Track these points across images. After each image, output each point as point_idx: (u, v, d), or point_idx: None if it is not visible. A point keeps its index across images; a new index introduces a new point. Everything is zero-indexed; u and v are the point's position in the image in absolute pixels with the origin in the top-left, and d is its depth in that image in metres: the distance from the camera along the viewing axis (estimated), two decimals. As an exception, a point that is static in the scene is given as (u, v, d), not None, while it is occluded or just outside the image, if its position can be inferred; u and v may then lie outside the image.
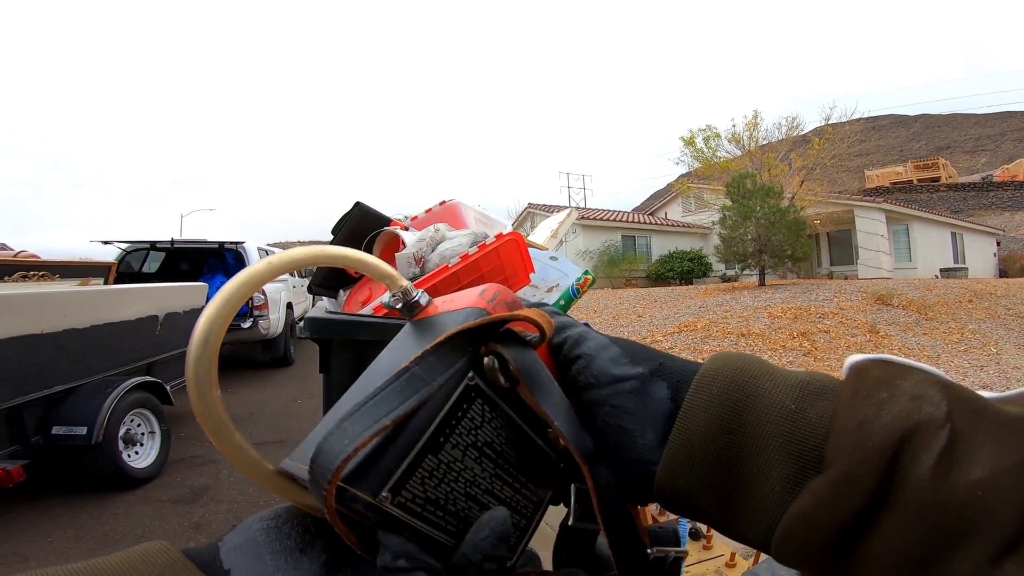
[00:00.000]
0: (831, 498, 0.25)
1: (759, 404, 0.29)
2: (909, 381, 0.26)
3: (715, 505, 0.29)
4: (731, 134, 18.03)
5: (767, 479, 0.27)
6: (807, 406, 0.28)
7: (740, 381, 0.30)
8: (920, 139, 61.00)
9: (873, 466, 0.24)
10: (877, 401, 0.26)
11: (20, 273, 4.07)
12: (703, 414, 0.29)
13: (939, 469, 0.23)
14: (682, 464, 0.29)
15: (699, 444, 0.29)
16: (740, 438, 0.28)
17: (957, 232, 19.99)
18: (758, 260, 13.70)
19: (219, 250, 7.72)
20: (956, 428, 0.24)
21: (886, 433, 0.25)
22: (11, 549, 2.73)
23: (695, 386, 0.30)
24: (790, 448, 0.27)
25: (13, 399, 2.92)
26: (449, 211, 1.90)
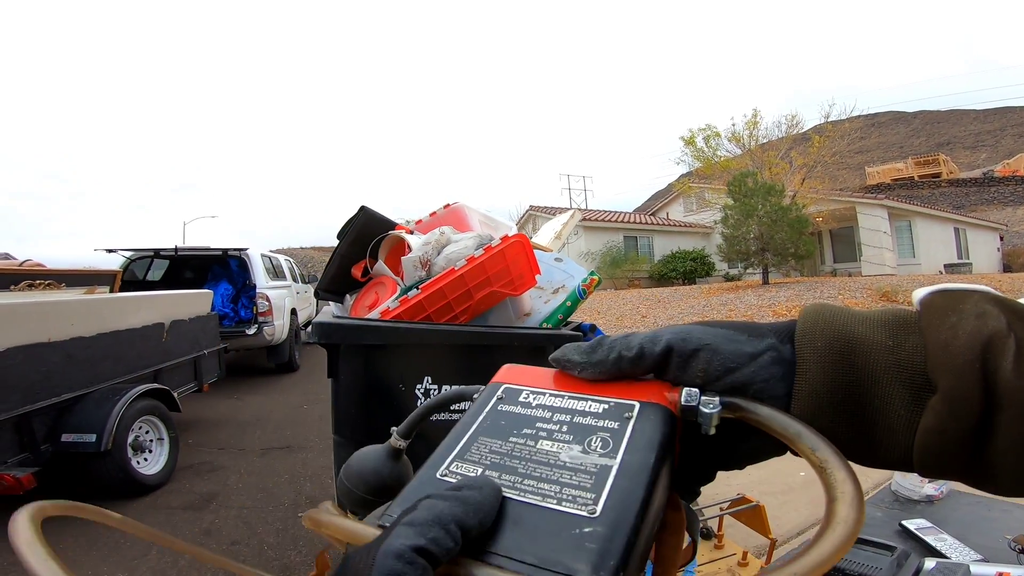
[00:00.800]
0: (949, 409, 0.29)
1: (862, 347, 0.32)
2: (969, 303, 0.31)
3: (852, 438, 0.32)
4: (731, 133, 18.04)
5: (892, 406, 0.31)
6: (902, 340, 0.32)
7: (837, 330, 0.33)
8: (920, 135, 60.81)
9: (968, 379, 0.28)
10: (950, 324, 0.30)
11: (26, 282, 4.09)
12: (816, 366, 0.32)
13: (1018, 370, 0.28)
14: (813, 413, 0.32)
15: (822, 392, 0.32)
16: (855, 378, 0.32)
17: (960, 228, 19.94)
18: (761, 259, 13.69)
19: (223, 257, 7.73)
20: (1019, 335, 0.29)
21: (967, 348, 0.29)
22: (22, 557, 2.74)
23: (799, 343, 0.33)
24: (902, 377, 0.31)
25: (22, 407, 2.93)
26: (454, 214, 1.91)
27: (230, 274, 8.09)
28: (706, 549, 2.09)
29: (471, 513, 0.25)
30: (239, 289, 7.91)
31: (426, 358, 1.52)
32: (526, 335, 1.62)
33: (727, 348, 0.34)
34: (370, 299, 1.76)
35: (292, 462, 4.07)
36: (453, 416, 1.55)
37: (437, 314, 1.60)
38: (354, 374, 1.52)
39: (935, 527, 1.19)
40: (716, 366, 0.34)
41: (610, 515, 0.27)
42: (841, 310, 0.34)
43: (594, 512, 0.27)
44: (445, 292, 1.57)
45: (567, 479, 0.29)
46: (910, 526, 1.20)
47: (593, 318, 11.45)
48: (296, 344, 8.27)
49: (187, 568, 2.59)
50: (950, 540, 1.14)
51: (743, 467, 0.38)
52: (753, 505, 2.06)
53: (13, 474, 2.80)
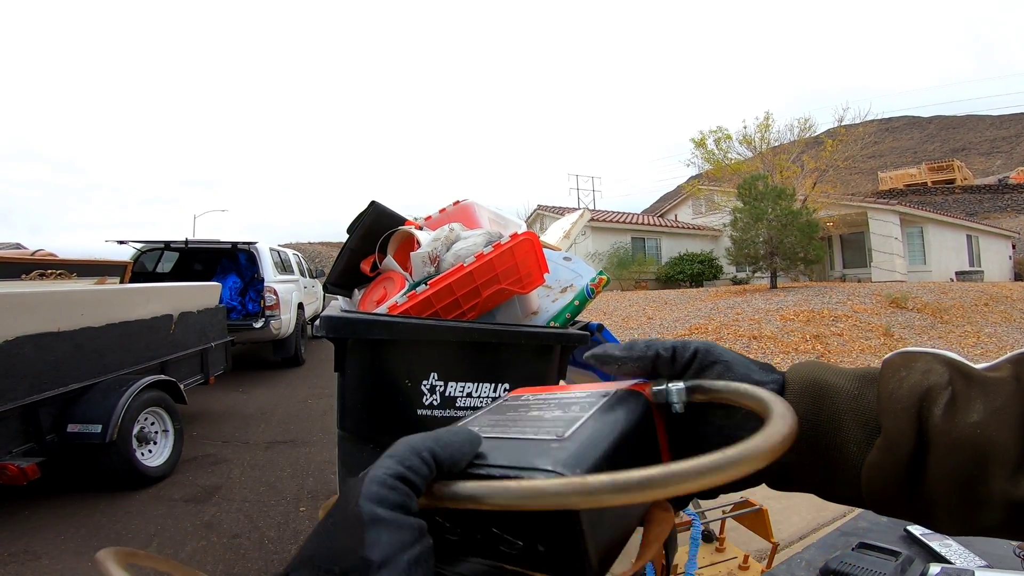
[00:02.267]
0: (888, 446, 0.35)
1: (832, 391, 0.39)
2: (920, 361, 0.38)
3: (813, 472, 0.39)
4: (742, 135, 17.93)
5: (848, 445, 0.38)
6: (865, 390, 0.39)
7: (814, 379, 0.40)
8: (934, 141, 60.31)
9: (903, 420, 0.35)
10: (899, 378, 0.37)
11: (38, 271, 4.12)
12: (794, 403, 0.38)
13: (946, 416, 0.34)
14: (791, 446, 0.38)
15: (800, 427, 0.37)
16: (824, 416, 0.38)
17: (972, 235, 19.75)
18: (770, 262, 13.61)
19: (232, 250, 7.77)
20: (955, 388, 0.35)
21: (907, 396, 0.36)
22: (24, 547, 2.75)
23: (787, 384, 0.41)
24: (859, 420, 0.38)
25: (29, 396, 2.94)
26: (463, 211, 1.90)
27: (239, 267, 8.13)
28: (707, 552, 2.08)
29: (443, 447, 0.28)
30: (247, 282, 7.95)
31: (433, 354, 1.52)
32: (533, 333, 1.62)
33: (739, 370, 0.40)
34: (378, 294, 1.75)
35: (295, 456, 4.08)
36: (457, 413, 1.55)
37: (445, 310, 1.59)
38: (361, 369, 1.51)
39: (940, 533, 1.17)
40: (725, 379, 0.39)
41: (577, 439, 0.31)
42: (825, 365, 0.42)
43: (562, 435, 0.32)
44: (453, 288, 1.57)
45: (546, 426, 0.34)
46: (915, 531, 1.19)
47: (599, 319, 11.42)
48: (302, 338, 8.30)
49: (188, 561, 2.60)
50: (955, 546, 1.13)
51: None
52: (756, 509, 2.05)
53: (17, 464, 2.80)
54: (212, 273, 8.07)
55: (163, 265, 8.01)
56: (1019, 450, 0.31)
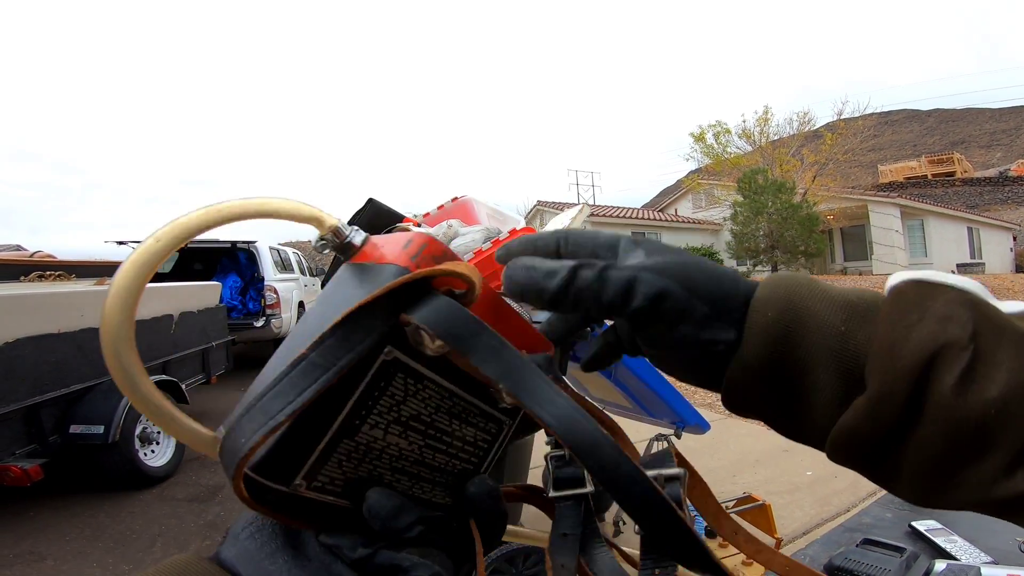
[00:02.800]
0: (869, 415, 0.27)
1: (810, 324, 0.30)
2: (939, 301, 0.28)
3: (776, 415, 0.32)
4: (741, 130, 17.96)
5: (820, 395, 0.30)
6: (855, 327, 0.29)
7: (792, 302, 0.30)
8: (934, 134, 60.18)
9: (901, 387, 0.26)
10: (908, 324, 0.27)
11: (37, 273, 4.12)
12: (759, 339, 0.30)
13: (959, 388, 0.25)
14: (743, 380, 0.31)
15: (757, 365, 0.30)
16: (794, 358, 0.30)
17: (973, 227, 19.73)
18: (770, 256, 13.62)
19: (231, 249, 7.77)
20: (980, 348, 0.26)
21: (913, 355, 0.26)
22: (29, 548, 2.75)
23: (752, 311, 0.31)
24: (839, 367, 0.29)
25: (31, 398, 2.94)
26: (461, 207, 1.89)
27: (239, 267, 8.13)
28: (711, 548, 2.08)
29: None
30: (247, 281, 7.95)
31: (432, 352, 1.51)
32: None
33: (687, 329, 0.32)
34: (377, 292, 1.75)
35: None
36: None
37: (444, 308, 1.59)
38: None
39: (945, 528, 1.17)
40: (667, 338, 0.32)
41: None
42: (808, 283, 0.31)
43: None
44: (452, 285, 1.56)
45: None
46: (920, 527, 1.18)
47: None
48: (303, 337, 8.30)
49: (193, 559, 2.61)
50: (960, 542, 1.12)
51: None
52: (759, 504, 2.05)
53: (20, 465, 2.80)
54: (212, 272, 8.06)
55: (163, 265, 7.97)
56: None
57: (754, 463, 3.54)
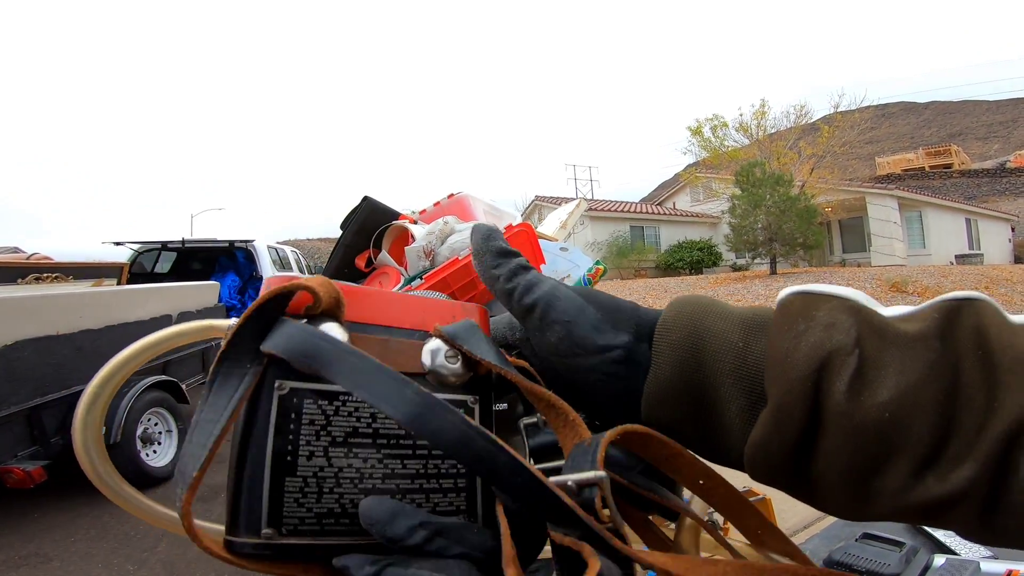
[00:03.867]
0: (774, 427, 0.27)
1: (712, 344, 0.30)
2: (823, 310, 0.28)
3: (695, 436, 0.31)
4: (739, 123, 17.92)
5: (728, 412, 0.30)
6: (752, 341, 0.30)
7: (694, 323, 0.31)
8: (931, 126, 60.12)
9: (797, 395, 0.26)
10: (796, 333, 0.28)
11: (34, 275, 4.12)
12: (667, 358, 0.31)
13: (851, 392, 0.25)
14: (661, 407, 0.31)
15: (668, 388, 0.31)
16: (701, 377, 0.30)
17: (971, 218, 19.76)
18: (769, 248, 13.61)
19: (229, 249, 7.77)
20: (864, 352, 0.26)
21: (804, 363, 0.26)
22: (35, 549, 2.76)
23: (657, 334, 0.32)
24: (741, 383, 0.29)
25: (32, 400, 2.95)
26: (458, 204, 1.90)
27: (237, 266, 8.13)
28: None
29: None
30: (246, 280, 7.95)
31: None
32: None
33: (580, 332, 0.32)
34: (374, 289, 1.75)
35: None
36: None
37: (441, 305, 1.59)
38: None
39: (946, 521, 1.17)
40: (565, 346, 0.33)
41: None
42: (709, 304, 0.32)
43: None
44: (448, 282, 1.57)
45: None
46: (920, 520, 1.18)
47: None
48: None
49: (196, 560, 2.61)
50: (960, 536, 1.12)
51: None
52: (760, 498, 2.05)
53: (23, 467, 2.81)
54: (210, 272, 8.07)
55: (161, 265, 8.01)
56: (931, 440, 0.25)
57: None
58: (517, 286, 0.34)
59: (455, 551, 0.27)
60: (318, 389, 0.29)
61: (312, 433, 0.28)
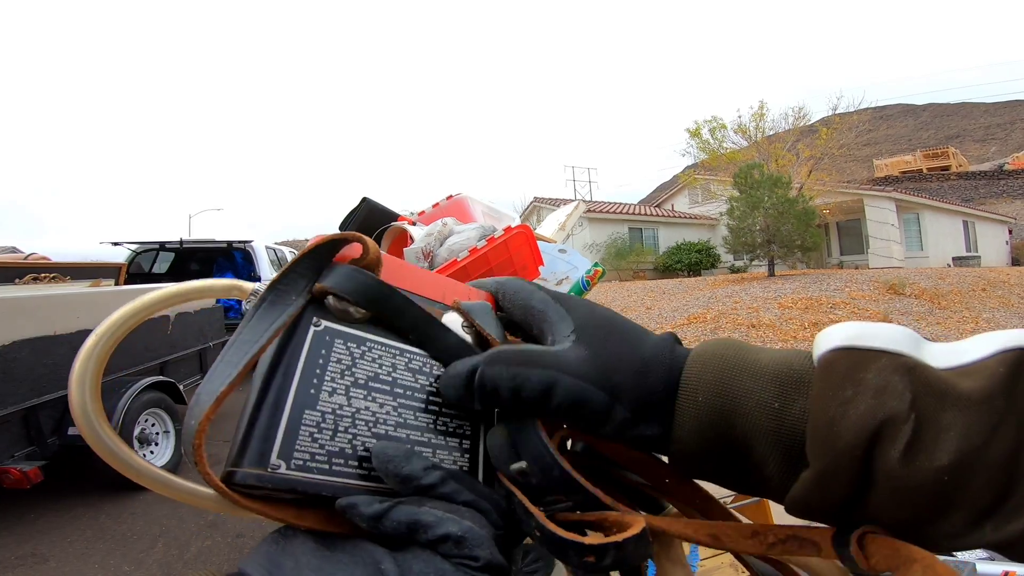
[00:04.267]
0: (818, 489, 0.27)
1: (744, 406, 0.29)
2: (871, 371, 0.26)
3: (731, 484, 0.32)
4: (737, 125, 17.94)
5: (765, 469, 0.29)
6: (788, 403, 0.28)
7: (723, 383, 0.30)
8: (929, 128, 60.23)
9: (845, 465, 0.25)
10: (842, 400, 0.26)
11: (31, 275, 4.11)
12: (693, 424, 0.30)
13: (906, 459, 0.24)
14: (689, 461, 0.31)
15: (695, 447, 0.30)
16: (732, 437, 0.29)
17: (969, 220, 19.79)
18: (767, 250, 13.62)
19: (227, 249, 7.76)
20: (921, 416, 0.25)
21: (853, 433, 0.25)
22: (31, 550, 2.76)
23: (680, 397, 0.31)
24: (779, 444, 0.28)
25: (29, 400, 2.94)
26: (456, 205, 1.90)
27: (235, 266, 8.11)
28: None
29: None
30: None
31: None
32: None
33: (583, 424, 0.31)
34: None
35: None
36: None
37: (440, 306, 1.59)
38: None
39: (942, 522, 1.17)
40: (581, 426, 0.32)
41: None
42: (735, 355, 0.31)
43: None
44: (447, 284, 1.57)
45: None
46: (917, 521, 1.18)
47: (598, 311, 11.42)
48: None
49: (193, 561, 2.61)
50: (957, 535, 1.12)
51: None
52: (755, 500, 2.05)
53: (20, 468, 2.80)
54: (208, 273, 8.05)
55: (159, 266, 7.99)
56: (991, 496, 0.24)
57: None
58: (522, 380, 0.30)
59: (465, 497, 0.29)
60: (349, 332, 0.31)
61: (338, 372, 0.30)
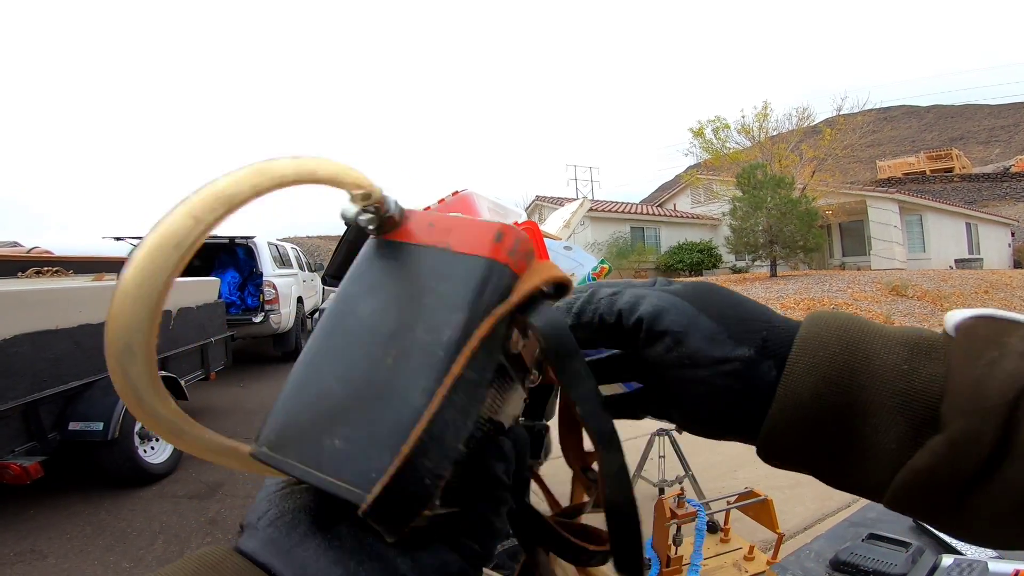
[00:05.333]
0: (951, 454, 0.26)
1: (871, 365, 0.29)
2: (1015, 337, 0.27)
3: (823, 459, 0.30)
4: (740, 125, 17.90)
5: (883, 437, 0.28)
6: (919, 365, 0.28)
7: (848, 342, 0.29)
8: (933, 130, 60.10)
9: (992, 423, 0.25)
10: (989, 360, 0.26)
11: (34, 269, 4.09)
12: (810, 376, 0.29)
13: None
14: (790, 423, 0.30)
15: (809, 404, 0.29)
16: (852, 398, 0.28)
17: (971, 223, 19.75)
18: (769, 251, 13.60)
19: (230, 245, 7.75)
20: None
21: (1001, 391, 0.25)
22: (30, 546, 2.74)
23: (799, 349, 0.30)
24: (906, 407, 0.28)
25: (30, 395, 2.92)
26: (462, 201, 1.88)
27: (237, 262, 8.11)
28: (712, 543, 2.07)
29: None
30: (246, 277, 7.93)
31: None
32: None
33: (694, 343, 0.31)
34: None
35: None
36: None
37: (445, 303, 1.58)
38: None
39: (952, 523, 1.17)
40: (673, 356, 0.31)
41: None
42: (861, 322, 0.31)
43: None
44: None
45: None
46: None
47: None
48: (302, 332, 8.30)
49: (193, 556, 2.60)
50: (966, 537, 1.12)
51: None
52: (761, 499, 2.04)
53: (20, 463, 2.78)
54: (210, 268, 8.04)
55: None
56: None
57: (755, 458, 3.50)
58: (619, 312, 0.33)
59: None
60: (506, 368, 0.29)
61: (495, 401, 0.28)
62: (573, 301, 0.34)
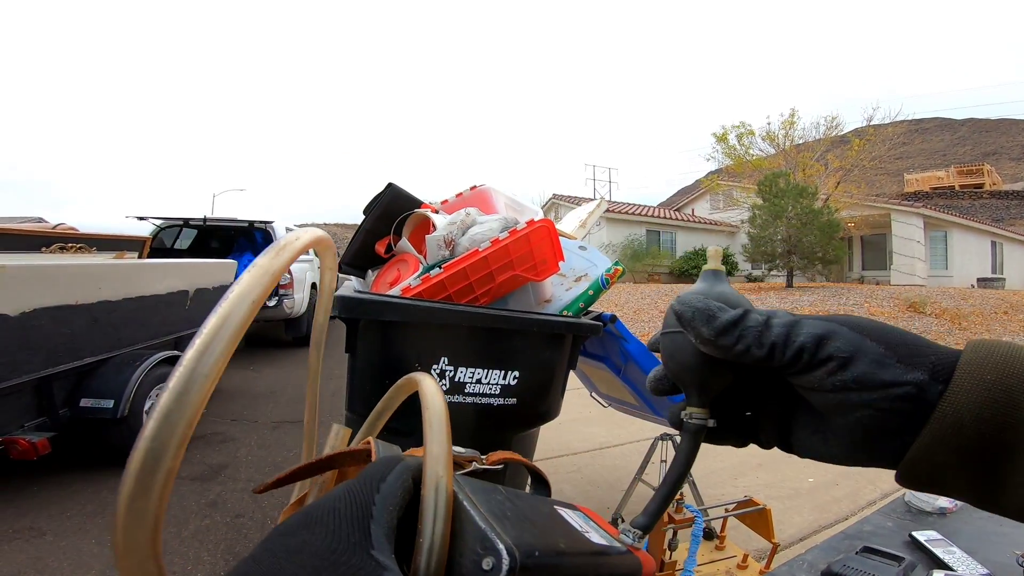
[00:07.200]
0: None
1: None
2: None
3: (972, 480, 0.30)
4: (766, 132, 17.74)
5: None
6: None
7: (1011, 365, 0.30)
8: (966, 143, 58.89)
9: None
10: None
11: (58, 245, 4.17)
12: (974, 397, 0.29)
13: None
14: (947, 443, 0.30)
15: (970, 425, 0.29)
16: (1013, 420, 0.29)
17: (997, 241, 19.35)
18: (787, 261, 13.46)
19: (248, 229, 7.83)
20: None
21: None
22: (29, 523, 2.74)
23: (962, 372, 0.30)
24: None
25: (43, 370, 2.93)
26: (480, 196, 1.89)
27: (255, 246, 8.20)
28: (707, 550, 2.07)
29: None
30: (262, 261, 8.01)
31: (444, 338, 1.51)
32: (545, 321, 1.60)
33: (861, 367, 0.31)
34: (392, 276, 1.75)
35: (303, 436, 4.09)
36: (465, 399, 1.54)
37: (458, 295, 1.59)
38: (371, 350, 1.51)
39: (945, 540, 1.16)
40: (836, 381, 0.32)
41: None
42: (1017, 347, 0.31)
43: None
44: (467, 273, 1.56)
45: None
46: (920, 538, 1.17)
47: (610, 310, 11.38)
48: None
49: (191, 539, 2.62)
50: (959, 553, 1.11)
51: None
52: (759, 508, 2.03)
53: (29, 438, 2.78)
54: (229, 251, 8.14)
55: (181, 242, 8.09)
56: None
57: (756, 467, 3.51)
58: (771, 345, 0.33)
59: None
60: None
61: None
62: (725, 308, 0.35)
